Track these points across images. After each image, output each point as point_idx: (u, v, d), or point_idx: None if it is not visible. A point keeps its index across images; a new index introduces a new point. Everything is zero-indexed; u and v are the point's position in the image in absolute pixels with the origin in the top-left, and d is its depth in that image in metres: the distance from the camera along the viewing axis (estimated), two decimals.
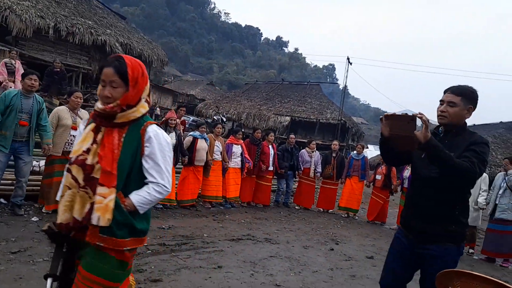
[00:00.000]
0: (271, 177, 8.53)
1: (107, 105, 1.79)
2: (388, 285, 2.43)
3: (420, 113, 2.04)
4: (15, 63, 8.86)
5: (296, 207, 8.92)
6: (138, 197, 1.81)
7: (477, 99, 2.28)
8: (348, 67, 24.33)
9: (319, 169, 8.88)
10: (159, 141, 1.87)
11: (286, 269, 4.38)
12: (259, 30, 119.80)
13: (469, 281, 1.80)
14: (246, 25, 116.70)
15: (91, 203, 1.73)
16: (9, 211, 4.95)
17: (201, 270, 3.94)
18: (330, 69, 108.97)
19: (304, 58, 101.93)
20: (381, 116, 2.20)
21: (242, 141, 8.01)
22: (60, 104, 7.37)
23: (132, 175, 1.84)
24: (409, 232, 2.36)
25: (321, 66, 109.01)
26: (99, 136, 1.82)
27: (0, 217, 4.75)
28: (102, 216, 1.71)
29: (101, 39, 15.86)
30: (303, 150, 9.04)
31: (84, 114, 5.44)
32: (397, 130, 2.08)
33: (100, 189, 1.73)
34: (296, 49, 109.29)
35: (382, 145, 2.39)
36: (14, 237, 4.09)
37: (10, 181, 5.35)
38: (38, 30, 14.02)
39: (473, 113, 2.30)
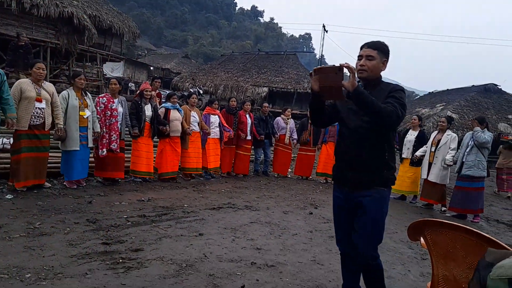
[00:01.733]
0: (250, 146, 8.55)
1: None
2: (344, 242, 2.54)
3: (346, 63, 2.14)
4: None
5: (276, 175, 9.04)
6: None
7: (389, 53, 2.40)
8: (323, 35, 24.24)
9: (295, 136, 8.98)
10: None
11: (267, 234, 4.47)
12: None
13: (439, 229, 1.90)
14: None
15: None
16: None
17: (182, 238, 3.97)
18: (306, 38, 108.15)
19: (280, 28, 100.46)
20: (310, 72, 2.26)
21: (219, 111, 7.94)
22: None
23: None
24: (344, 185, 2.46)
25: (297, 36, 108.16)
26: None
27: None
28: None
29: (68, 11, 15.11)
30: (279, 118, 9.09)
31: (49, 86, 5.24)
32: (326, 82, 2.16)
33: None
34: (272, 19, 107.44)
35: (313, 102, 2.44)
36: None
37: None
38: None
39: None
